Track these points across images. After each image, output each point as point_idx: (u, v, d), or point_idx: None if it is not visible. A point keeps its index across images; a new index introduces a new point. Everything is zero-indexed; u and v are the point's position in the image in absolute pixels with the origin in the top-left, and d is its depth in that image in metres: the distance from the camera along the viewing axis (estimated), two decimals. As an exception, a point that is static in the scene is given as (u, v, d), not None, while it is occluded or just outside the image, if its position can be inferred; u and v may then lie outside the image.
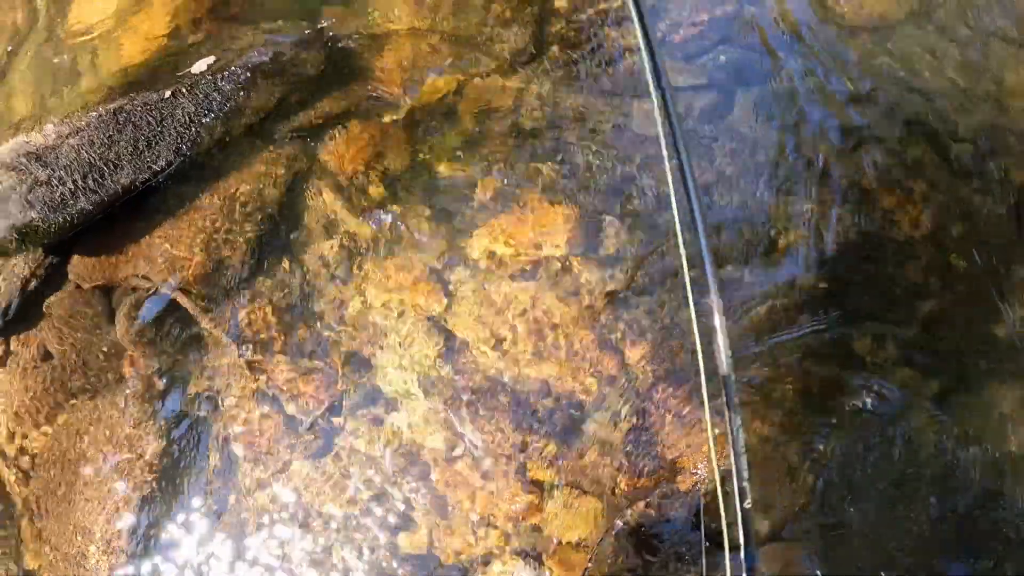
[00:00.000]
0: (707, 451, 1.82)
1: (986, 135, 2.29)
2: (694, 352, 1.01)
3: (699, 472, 1.78)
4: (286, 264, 1.97)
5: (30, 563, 2.12)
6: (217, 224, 2.00)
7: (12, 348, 2.29)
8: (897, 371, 1.97)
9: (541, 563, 1.77)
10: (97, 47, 2.68)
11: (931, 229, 2.15)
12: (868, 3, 2.55)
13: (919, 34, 2.49)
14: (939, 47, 2.45)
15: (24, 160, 2.13)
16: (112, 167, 2.04)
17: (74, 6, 2.91)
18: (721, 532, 1.02)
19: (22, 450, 2.22)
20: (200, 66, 2.18)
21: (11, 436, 2.25)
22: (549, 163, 2.06)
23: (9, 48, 3.02)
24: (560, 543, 1.78)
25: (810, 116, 2.27)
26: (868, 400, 1.93)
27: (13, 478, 2.21)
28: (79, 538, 2.04)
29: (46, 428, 2.17)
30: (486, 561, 1.79)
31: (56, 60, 2.74)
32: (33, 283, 2.25)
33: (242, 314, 1.94)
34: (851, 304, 2.04)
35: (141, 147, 2.05)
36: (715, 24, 2.39)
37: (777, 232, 2.16)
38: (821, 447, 1.85)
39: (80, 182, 2.03)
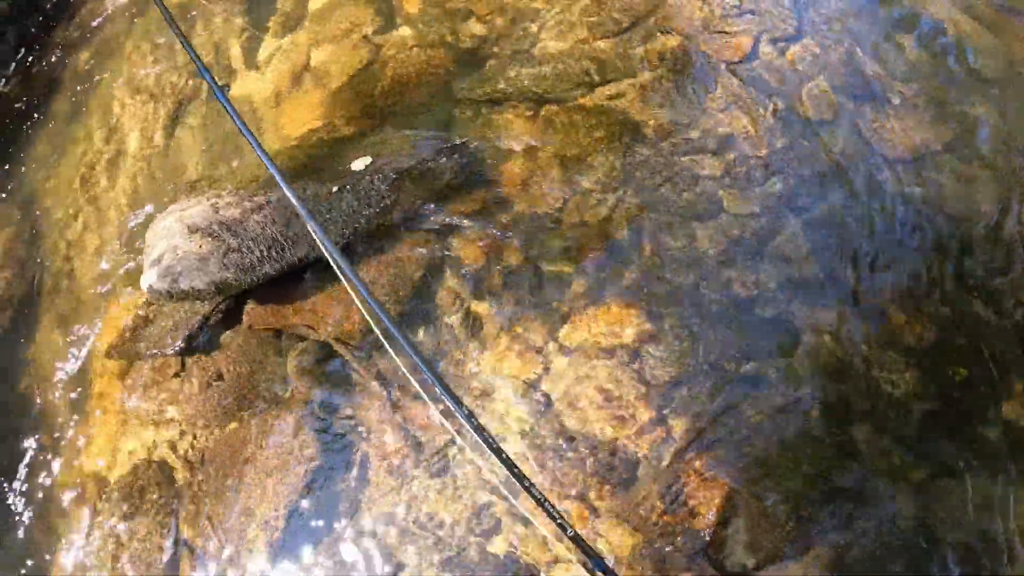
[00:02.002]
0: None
1: (1005, 253, 2.64)
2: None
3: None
4: (422, 329, 2.60)
5: (186, 532, 2.73)
6: (372, 294, 2.63)
7: (189, 367, 2.93)
8: (887, 460, 2.39)
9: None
10: (260, 121, 3.30)
11: (935, 341, 2.55)
12: (908, 134, 2.96)
13: (954, 163, 2.89)
14: (972, 174, 2.85)
15: (218, 229, 2.76)
16: (291, 243, 2.66)
17: (237, 76, 3.52)
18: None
19: (192, 446, 2.84)
20: (359, 164, 2.80)
21: (182, 434, 2.88)
22: (631, 269, 2.66)
23: (175, 107, 3.65)
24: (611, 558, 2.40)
25: (845, 240, 2.72)
26: (856, 481, 2.35)
27: (180, 466, 2.83)
28: (242, 517, 2.65)
29: (216, 432, 2.79)
30: (555, 561, 2.41)
31: (220, 126, 3.36)
32: (212, 319, 2.88)
33: (387, 364, 2.57)
34: (855, 401, 2.48)
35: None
36: (772, 157, 2.91)
37: (801, 337, 2.62)
38: (808, 512, 2.31)
39: (265, 252, 2.66)
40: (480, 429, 1.60)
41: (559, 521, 1.50)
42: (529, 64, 3.21)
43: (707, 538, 2.34)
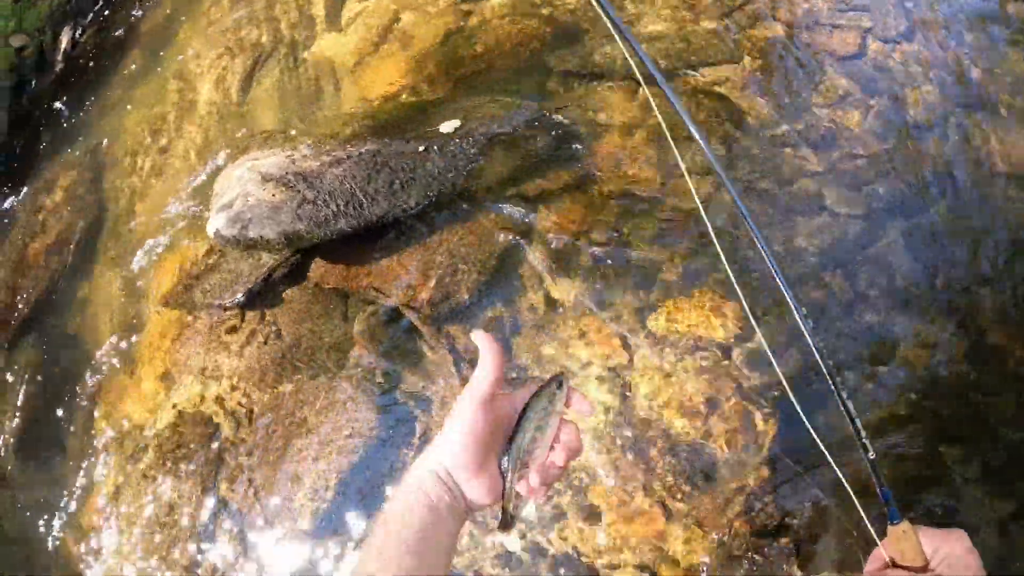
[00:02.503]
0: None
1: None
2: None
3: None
4: (500, 305, 2.43)
5: (226, 491, 2.60)
6: (448, 261, 2.48)
7: (247, 322, 2.81)
8: (974, 488, 2.24)
9: (657, 577, 2.20)
10: (339, 80, 3.19)
11: None
12: (1017, 149, 2.85)
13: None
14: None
15: (293, 178, 2.64)
16: (369, 200, 2.52)
17: (317, 35, 3.44)
18: None
19: (241, 404, 2.72)
20: (447, 127, 2.66)
21: (232, 390, 2.76)
22: (727, 260, 2.47)
23: (252, 63, 3.58)
24: (678, 565, 2.21)
25: (947, 252, 2.60)
26: (937, 507, 2.30)
27: (226, 424, 2.71)
28: (290, 484, 2.51)
29: (268, 391, 2.66)
30: (615, 567, 2.23)
31: (298, 83, 3.27)
32: (277, 273, 2.76)
33: (459, 336, 2.41)
34: (947, 422, 2.35)
35: (396, 188, 2.54)
36: (877, 158, 2.77)
37: (898, 348, 2.53)
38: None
39: (342, 207, 2.53)
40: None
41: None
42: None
43: (792, 551, 2.16)
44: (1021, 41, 3.26)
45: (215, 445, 2.69)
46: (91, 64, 4.29)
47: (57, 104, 4.16)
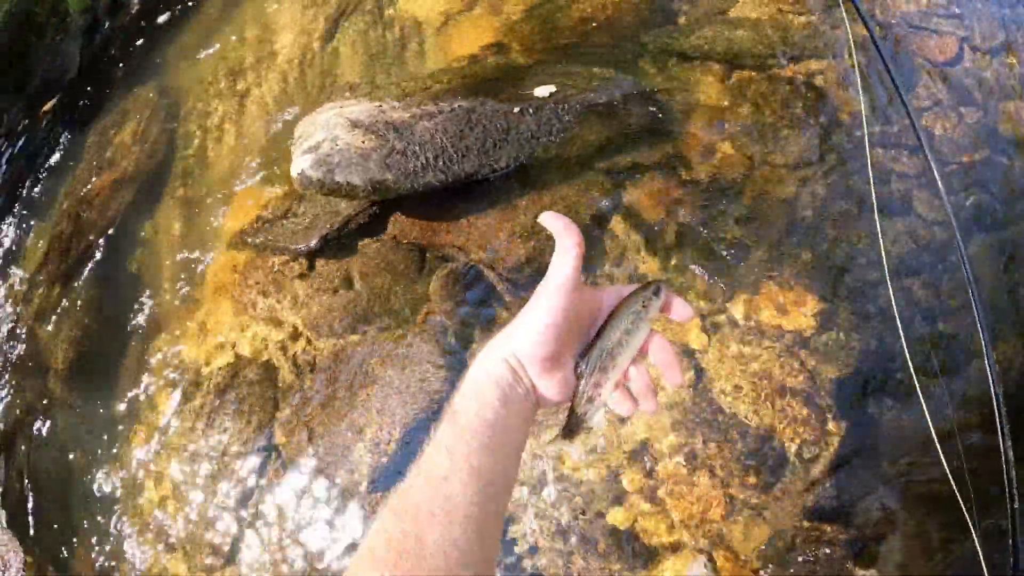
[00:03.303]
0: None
1: None
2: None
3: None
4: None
5: (280, 438, 2.56)
6: (533, 226, 2.43)
7: (317, 270, 2.78)
8: None
9: (715, 565, 2.14)
10: (424, 37, 3.16)
11: None
12: None
13: None
14: None
15: (383, 127, 2.61)
16: (460, 156, 2.49)
17: (402, -4, 3.40)
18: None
19: (305, 351, 2.69)
20: (543, 92, 2.62)
21: (296, 337, 2.73)
22: (811, 253, 2.43)
23: (336, 15, 3.55)
24: (736, 555, 2.15)
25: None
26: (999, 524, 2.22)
27: (287, 369, 2.68)
28: (349, 434, 2.47)
29: (334, 341, 2.63)
30: (674, 549, 2.18)
31: (383, 38, 3.24)
32: (352, 223, 2.73)
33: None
34: (1017, 438, 2.34)
35: (488, 146, 2.50)
36: (969, 168, 2.72)
37: (975, 362, 2.43)
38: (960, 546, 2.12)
39: (432, 160, 2.49)
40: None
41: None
42: (724, 25, 2.99)
43: (856, 551, 2.10)
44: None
45: (275, 391, 2.67)
46: (168, 7, 4.29)
47: (131, 46, 4.16)
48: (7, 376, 2.98)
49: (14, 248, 3.39)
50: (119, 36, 4.28)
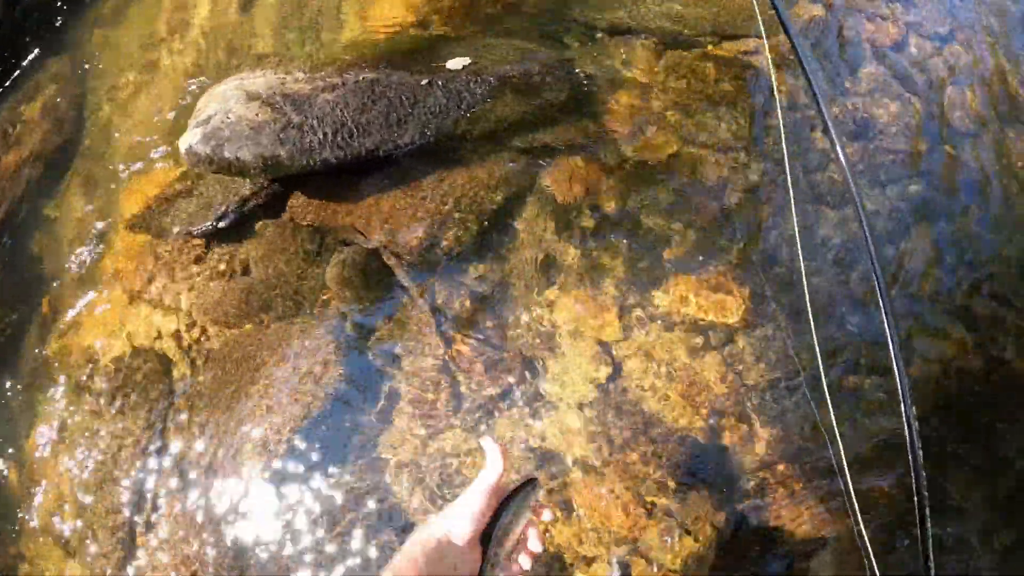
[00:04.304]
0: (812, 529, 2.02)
1: None
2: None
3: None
4: (490, 262, 2.20)
5: (172, 433, 2.37)
6: (440, 206, 2.24)
7: (212, 253, 2.57)
8: (975, 517, 2.10)
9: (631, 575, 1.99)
10: (343, 9, 2.95)
11: None
12: None
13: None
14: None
15: (280, 100, 2.40)
16: (361, 131, 2.29)
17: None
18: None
19: (199, 342, 2.49)
20: (455, 64, 2.42)
21: (191, 326, 2.53)
22: (740, 242, 2.28)
23: (255, -16, 3.32)
24: (654, 565, 2.00)
25: (975, 267, 2.44)
26: (938, 531, 2.11)
27: (182, 362, 2.48)
28: (237, 432, 2.29)
29: (229, 330, 2.43)
30: (589, 562, 2.01)
31: (302, 9, 3.02)
32: (251, 204, 2.52)
33: (442, 290, 2.18)
34: (955, 443, 2.19)
35: (392, 121, 2.30)
36: (912, 157, 2.58)
37: (912, 360, 2.33)
38: (898, 555, 2.01)
39: (330, 136, 2.29)
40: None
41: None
42: (656, 1, 2.82)
43: (785, 567, 1.95)
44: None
45: (167, 384, 2.47)
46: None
47: (49, 17, 3.90)
48: None
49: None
50: (37, 7, 4.01)
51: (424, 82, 2.35)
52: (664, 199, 2.32)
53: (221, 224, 2.50)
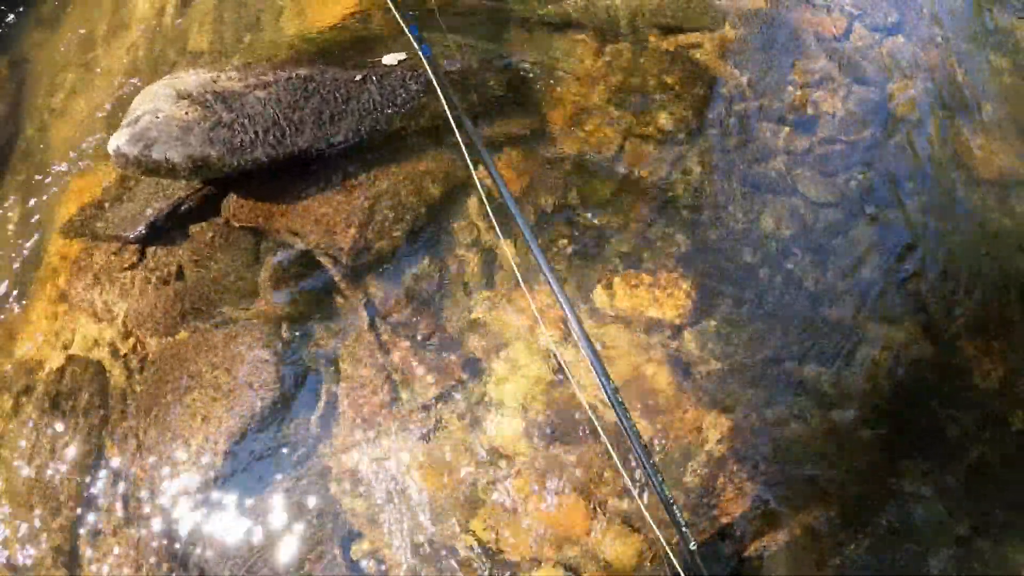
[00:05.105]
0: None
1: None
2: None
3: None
4: (428, 261, 2.16)
5: (110, 448, 2.30)
6: (375, 206, 2.19)
7: (147, 259, 2.49)
8: (929, 506, 2.12)
9: (579, 576, 1.95)
10: (283, 7, 2.88)
11: (998, 385, 2.31)
12: (994, 156, 2.73)
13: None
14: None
15: (211, 98, 2.33)
16: (294, 129, 2.22)
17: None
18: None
19: (135, 351, 2.41)
20: (391, 59, 2.36)
21: (127, 335, 2.45)
22: (684, 235, 2.25)
23: (194, -19, 3.23)
24: (601, 565, 1.97)
25: (918, 252, 2.45)
26: (892, 522, 2.11)
27: (118, 372, 2.41)
28: (174, 444, 2.22)
29: (164, 339, 2.36)
30: (535, 564, 1.98)
31: (239, 7, 2.94)
32: (184, 206, 2.45)
33: (379, 292, 2.12)
34: (908, 432, 2.21)
35: (324, 118, 2.24)
36: (856, 146, 2.58)
37: (862, 349, 2.33)
38: (849, 545, 2.03)
39: (261, 134, 2.22)
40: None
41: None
42: (600, -6, 2.78)
43: (741, 558, 1.93)
44: (1006, 50, 3.15)
45: (105, 395, 2.40)
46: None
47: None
48: None
49: None
50: (-25, 6, 3.87)
51: (358, 78, 2.29)
52: (606, 191, 2.29)
53: (154, 228, 2.43)
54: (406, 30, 1.89)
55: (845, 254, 2.43)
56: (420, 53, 1.85)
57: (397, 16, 1.93)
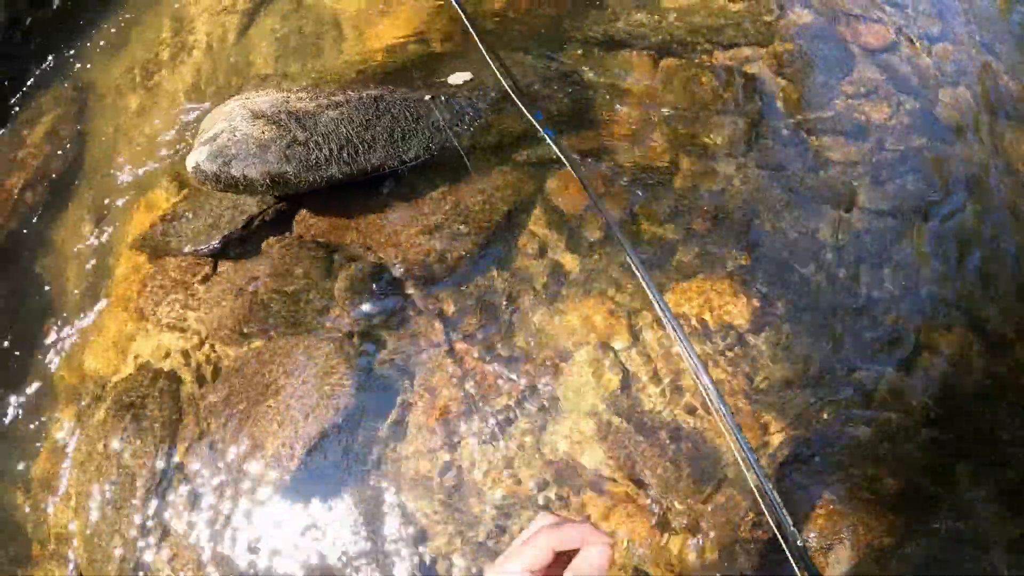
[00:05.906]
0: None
1: None
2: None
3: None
4: (497, 272, 2.23)
5: (182, 453, 2.37)
6: (446, 221, 2.27)
7: (221, 271, 2.59)
8: (986, 508, 2.12)
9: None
10: (343, 28, 2.99)
11: None
12: None
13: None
14: None
15: (285, 118, 2.43)
16: (366, 147, 2.32)
17: (318, -14, 3.23)
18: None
19: (209, 360, 2.50)
20: (457, 79, 2.46)
21: (199, 345, 2.53)
22: (741, 249, 2.31)
23: (252, 7, 3.37)
24: (672, 571, 2.00)
25: (976, 261, 2.47)
26: (949, 524, 2.12)
27: (189, 380, 2.49)
28: (250, 449, 2.28)
29: (239, 348, 2.44)
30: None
31: (301, 30, 3.06)
32: (258, 222, 2.55)
33: (450, 304, 2.20)
34: (963, 436, 2.22)
35: (396, 136, 2.33)
36: (907, 155, 2.62)
37: (920, 356, 2.36)
38: (904, 545, 2.04)
39: (335, 151, 2.32)
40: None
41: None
42: (653, 11, 2.87)
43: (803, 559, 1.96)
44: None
45: (177, 403, 2.48)
46: (89, 2, 4.08)
47: (52, 41, 3.95)
48: None
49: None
50: (40, 31, 4.05)
51: (427, 97, 2.38)
52: (667, 204, 2.35)
53: (228, 242, 2.52)
54: (530, 118, 1.99)
55: (901, 261, 2.47)
56: (546, 136, 1.94)
57: (520, 105, 2.02)
